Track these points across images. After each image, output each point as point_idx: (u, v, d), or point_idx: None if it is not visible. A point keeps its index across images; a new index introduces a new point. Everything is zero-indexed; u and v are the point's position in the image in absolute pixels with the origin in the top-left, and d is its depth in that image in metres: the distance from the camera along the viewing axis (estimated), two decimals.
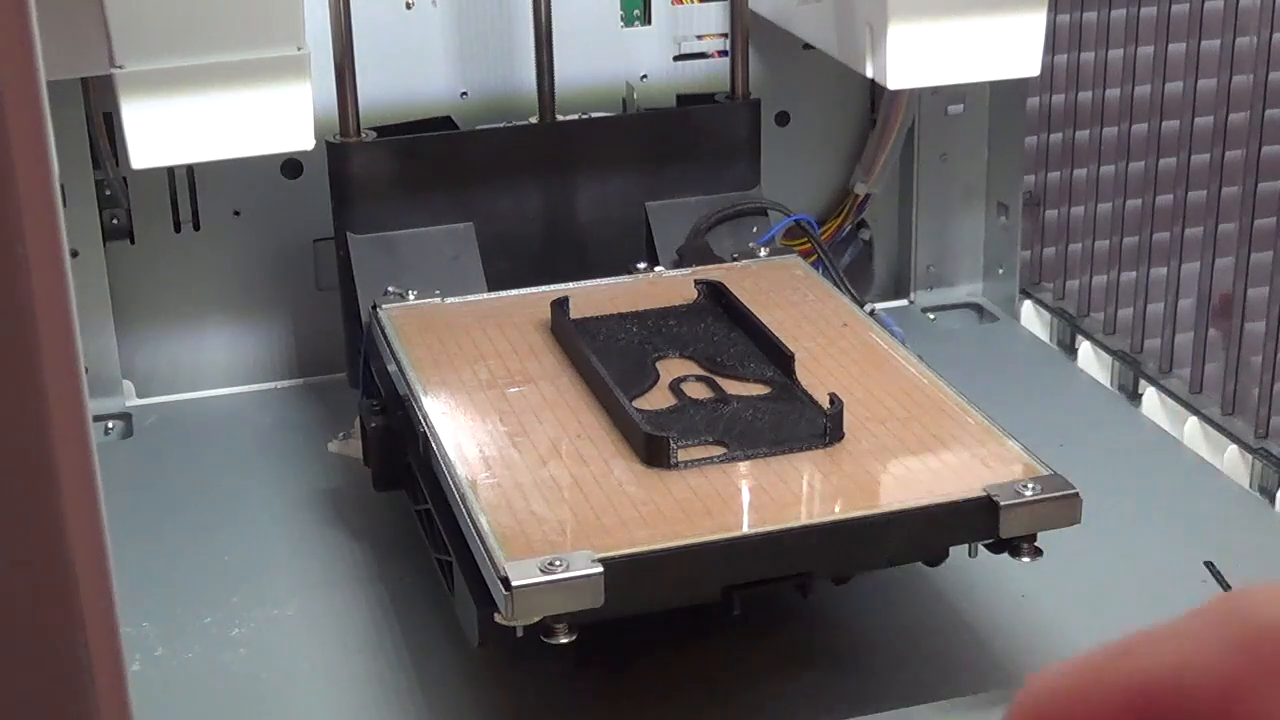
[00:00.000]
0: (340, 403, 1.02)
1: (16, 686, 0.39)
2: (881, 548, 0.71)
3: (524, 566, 0.66)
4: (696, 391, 0.80)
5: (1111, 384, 1.07)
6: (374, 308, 0.90)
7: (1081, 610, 0.81)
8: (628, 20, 1.08)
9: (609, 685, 0.76)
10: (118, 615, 0.41)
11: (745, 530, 0.69)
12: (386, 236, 0.97)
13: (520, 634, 0.67)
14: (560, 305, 0.88)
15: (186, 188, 1.04)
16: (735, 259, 0.97)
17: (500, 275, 0.97)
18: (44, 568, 0.38)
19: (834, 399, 0.76)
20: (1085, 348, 1.09)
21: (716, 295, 0.90)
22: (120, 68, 0.82)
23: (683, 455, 0.73)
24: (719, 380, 0.81)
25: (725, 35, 1.07)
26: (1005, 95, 1.12)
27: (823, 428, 0.75)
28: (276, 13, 0.83)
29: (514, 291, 0.93)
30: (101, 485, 0.41)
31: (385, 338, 0.87)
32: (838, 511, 0.71)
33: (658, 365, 0.83)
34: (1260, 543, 0.88)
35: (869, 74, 0.92)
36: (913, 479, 0.73)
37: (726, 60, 1.06)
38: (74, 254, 0.94)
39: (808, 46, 1.06)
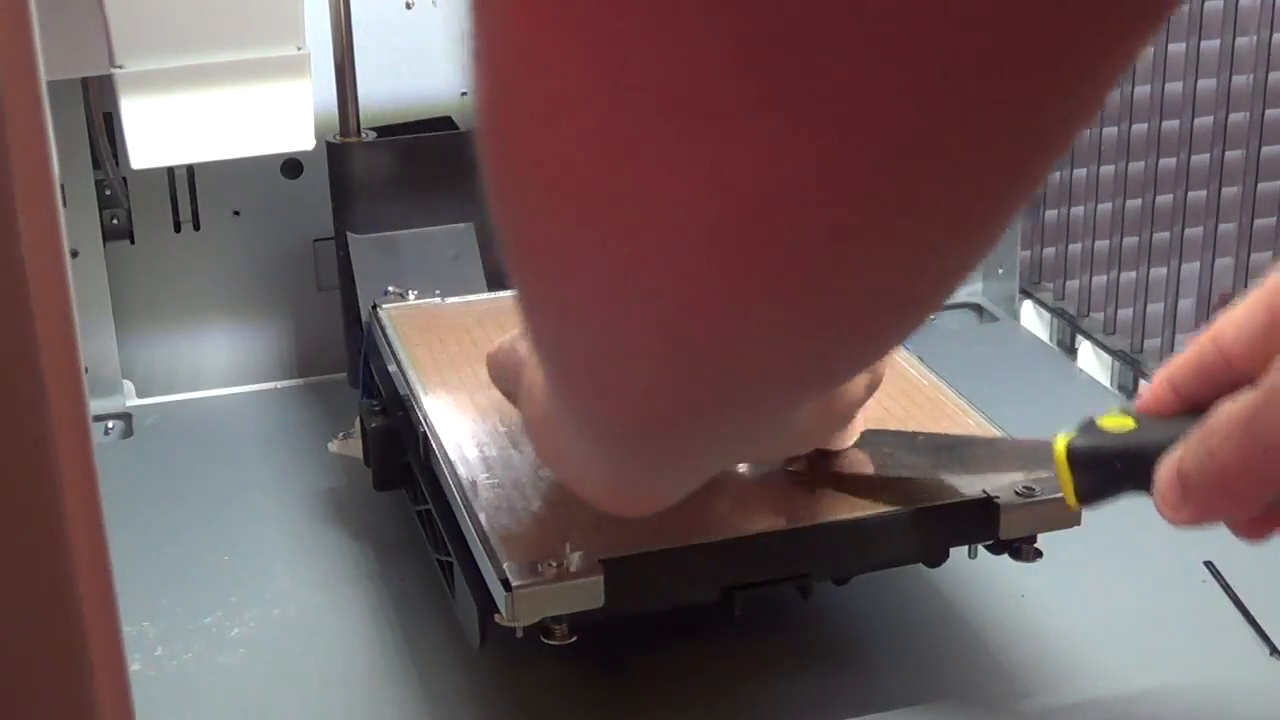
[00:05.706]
0: (340, 403, 1.02)
1: (17, 685, 0.39)
2: (881, 548, 0.71)
3: (524, 567, 0.66)
4: None
5: (1111, 384, 1.07)
6: (374, 308, 0.90)
7: (1081, 610, 0.81)
8: None
9: (609, 685, 0.76)
10: (118, 615, 0.41)
11: (745, 531, 0.69)
12: (386, 236, 0.97)
13: (520, 634, 0.67)
14: None
15: (186, 188, 1.04)
16: None
17: (500, 275, 0.97)
18: (44, 568, 0.38)
19: None
20: (1085, 348, 1.09)
21: None
22: (120, 68, 0.82)
23: None
24: None
25: None
26: None
27: None
28: (276, 12, 0.83)
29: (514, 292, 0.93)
30: (101, 485, 0.41)
31: (385, 338, 0.87)
32: (837, 512, 0.71)
33: None
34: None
35: None
36: (912, 479, 0.73)
37: None
38: (74, 254, 0.94)
39: None
